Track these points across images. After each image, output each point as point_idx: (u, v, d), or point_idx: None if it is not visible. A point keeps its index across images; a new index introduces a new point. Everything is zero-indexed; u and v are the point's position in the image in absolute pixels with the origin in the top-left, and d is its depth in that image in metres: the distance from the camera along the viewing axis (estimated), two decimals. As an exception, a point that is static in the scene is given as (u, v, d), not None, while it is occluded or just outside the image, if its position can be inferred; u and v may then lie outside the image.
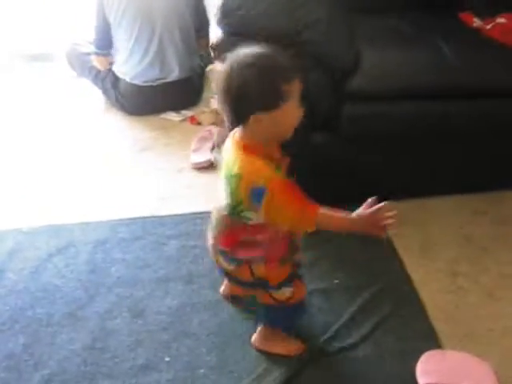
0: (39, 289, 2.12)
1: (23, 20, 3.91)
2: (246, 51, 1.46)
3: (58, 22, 3.92)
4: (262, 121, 1.43)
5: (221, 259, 1.69)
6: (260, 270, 1.65)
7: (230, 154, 1.52)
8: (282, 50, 1.54)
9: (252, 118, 1.42)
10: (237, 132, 1.53)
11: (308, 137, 2.22)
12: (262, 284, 1.67)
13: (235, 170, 1.48)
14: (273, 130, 1.47)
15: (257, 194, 1.46)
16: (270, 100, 1.41)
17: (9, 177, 2.77)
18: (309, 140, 2.23)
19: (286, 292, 1.69)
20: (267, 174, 1.46)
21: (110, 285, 2.12)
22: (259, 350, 1.87)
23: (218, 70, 1.52)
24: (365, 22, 2.42)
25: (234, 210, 1.54)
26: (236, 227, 1.60)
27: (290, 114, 1.47)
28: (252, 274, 1.66)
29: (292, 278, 1.70)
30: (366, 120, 2.20)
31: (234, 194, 1.51)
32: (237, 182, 1.48)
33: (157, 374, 1.80)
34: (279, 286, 1.68)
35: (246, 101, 1.42)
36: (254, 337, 1.89)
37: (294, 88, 1.44)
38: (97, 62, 3.34)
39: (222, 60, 1.49)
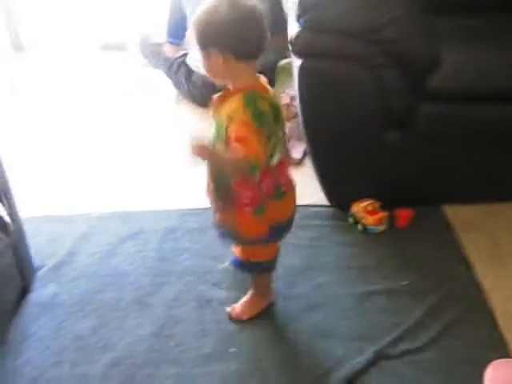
0: (109, 273, 2.16)
1: (97, 9, 4.00)
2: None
3: (132, 11, 3.98)
4: None
5: None
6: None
7: None
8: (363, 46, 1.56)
9: None
10: None
11: (382, 133, 2.21)
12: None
13: None
14: None
15: None
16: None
17: (82, 164, 2.84)
18: (382, 136, 2.22)
19: None
20: None
21: (179, 273, 2.15)
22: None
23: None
24: (444, 22, 2.38)
25: None
26: None
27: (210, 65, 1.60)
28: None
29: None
30: (443, 120, 2.17)
31: None
32: None
33: (222, 364, 1.81)
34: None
35: None
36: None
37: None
38: (168, 50, 3.38)
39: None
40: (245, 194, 1.67)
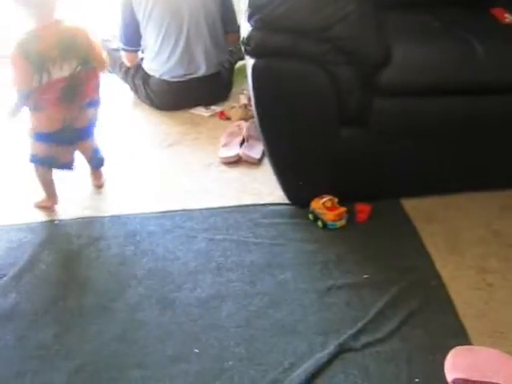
0: (70, 280, 2.15)
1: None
2: None
3: (87, 18, 3.95)
4: None
5: None
6: None
7: None
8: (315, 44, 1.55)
9: None
10: None
11: (338, 130, 2.23)
12: None
13: None
14: None
15: None
16: None
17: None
18: (338, 133, 2.24)
19: None
20: None
21: (140, 277, 2.14)
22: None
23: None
24: (394, 17, 2.42)
25: None
26: None
27: None
28: None
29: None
30: (396, 114, 2.20)
31: None
32: None
33: (186, 365, 1.81)
34: None
35: None
36: None
37: None
38: (125, 59, 3.37)
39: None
40: None
